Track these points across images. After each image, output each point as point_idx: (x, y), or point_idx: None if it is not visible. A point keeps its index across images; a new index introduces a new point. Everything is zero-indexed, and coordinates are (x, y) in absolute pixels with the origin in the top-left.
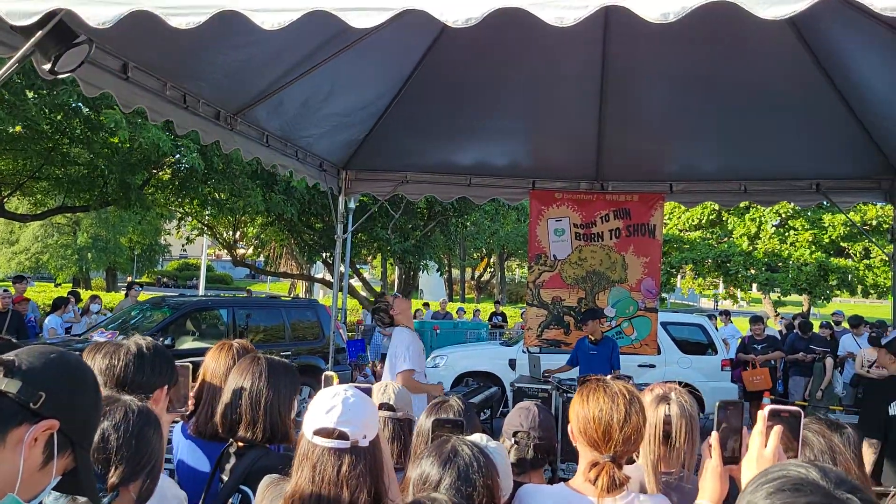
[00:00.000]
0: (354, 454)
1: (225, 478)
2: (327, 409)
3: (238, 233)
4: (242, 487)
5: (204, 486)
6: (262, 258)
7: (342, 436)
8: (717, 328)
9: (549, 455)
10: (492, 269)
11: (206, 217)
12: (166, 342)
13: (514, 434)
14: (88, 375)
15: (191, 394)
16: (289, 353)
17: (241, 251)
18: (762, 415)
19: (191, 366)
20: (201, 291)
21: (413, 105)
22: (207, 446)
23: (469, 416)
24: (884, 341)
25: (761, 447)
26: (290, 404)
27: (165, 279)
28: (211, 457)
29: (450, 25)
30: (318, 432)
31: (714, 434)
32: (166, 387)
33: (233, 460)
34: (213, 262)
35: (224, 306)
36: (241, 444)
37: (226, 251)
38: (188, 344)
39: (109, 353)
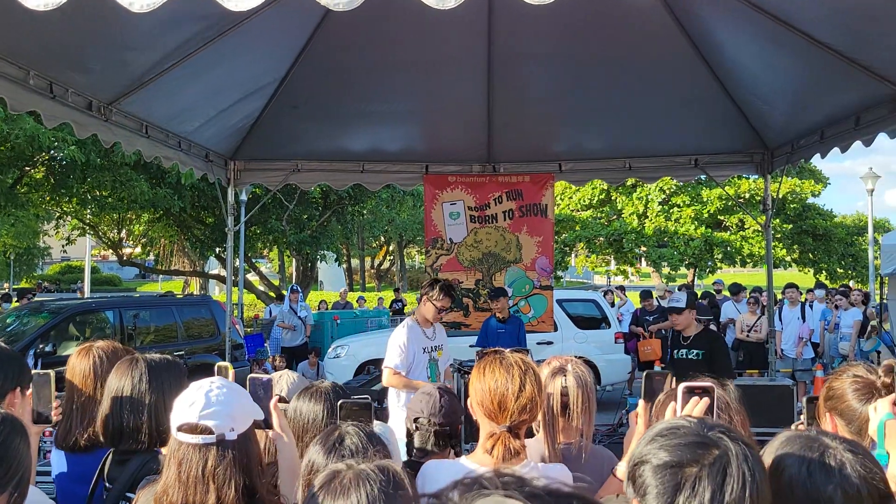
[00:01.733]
0: (221, 448)
1: (109, 486)
2: (189, 403)
3: (123, 231)
4: (129, 494)
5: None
6: (151, 257)
7: (206, 430)
8: (614, 303)
9: (452, 439)
10: (391, 257)
11: (88, 216)
12: (47, 349)
13: (416, 420)
14: None
15: (55, 403)
16: (182, 352)
17: (127, 250)
18: (680, 391)
19: (52, 373)
20: (86, 294)
21: (301, 91)
22: (77, 458)
23: (340, 396)
24: (673, 304)
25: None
26: None
27: (46, 283)
28: (84, 469)
29: (331, 9)
30: (181, 428)
31: (641, 402)
32: (18, 389)
33: (117, 468)
34: (98, 262)
35: (110, 308)
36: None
37: (111, 251)
38: (71, 349)
39: None
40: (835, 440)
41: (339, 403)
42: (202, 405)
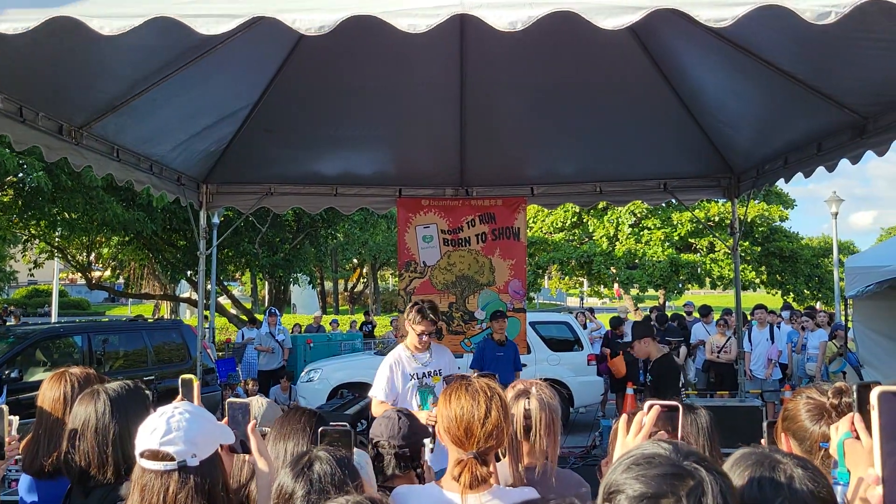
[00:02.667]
0: (182, 474)
1: None
2: (151, 429)
3: (93, 254)
4: None
5: None
6: (121, 280)
7: (167, 456)
8: (586, 325)
9: (414, 461)
10: (365, 280)
11: (56, 239)
12: (13, 375)
13: (376, 444)
14: None
15: (7, 438)
16: (152, 377)
17: (97, 273)
18: (646, 408)
19: (6, 408)
20: (54, 319)
21: (274, 115)
22: (43, 484)
23: (321, 422)
24: (626, 340)
25: (633, 436)
26: None
27: (12, 308)
28: (50, 493)
29: (303, 33)
30: (143, 454)
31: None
32: None
33: (81, 500)
34: (66, 286)
35: (78, 332)
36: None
37: (80, 274)
38: (39, 375)
39: None
40: (785, 457)
41: (320, 430)
42: (163, 432)
